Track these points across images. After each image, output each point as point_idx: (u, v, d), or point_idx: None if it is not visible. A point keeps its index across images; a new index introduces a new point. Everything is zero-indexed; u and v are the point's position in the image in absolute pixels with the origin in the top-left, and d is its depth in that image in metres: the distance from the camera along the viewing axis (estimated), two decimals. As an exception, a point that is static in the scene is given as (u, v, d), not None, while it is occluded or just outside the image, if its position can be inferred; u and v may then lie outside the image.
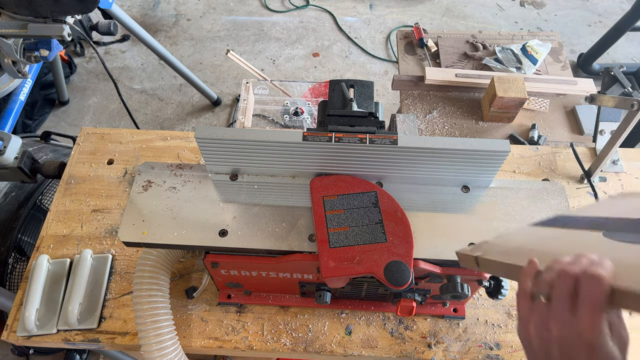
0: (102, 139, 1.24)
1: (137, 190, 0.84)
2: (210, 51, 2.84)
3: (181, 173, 0.87)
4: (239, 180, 0.86)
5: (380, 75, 2.76)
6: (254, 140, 0.79)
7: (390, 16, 3.07)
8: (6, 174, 1.18)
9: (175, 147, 1.23)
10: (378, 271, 0.71)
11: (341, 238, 0.74)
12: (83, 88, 2.67)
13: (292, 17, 3.04)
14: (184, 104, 2.61)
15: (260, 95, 1.81)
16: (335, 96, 0.95)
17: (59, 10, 1.21)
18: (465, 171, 0.83)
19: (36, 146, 1.59)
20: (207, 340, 0.94)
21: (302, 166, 0.84)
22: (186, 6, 3.09)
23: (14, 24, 1.22)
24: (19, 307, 0.97)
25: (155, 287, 0.88)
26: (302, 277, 0.87)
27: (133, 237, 0.78)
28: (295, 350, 0.94)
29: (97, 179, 1.16)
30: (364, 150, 0.79)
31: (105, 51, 2.83)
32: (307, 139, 0.79)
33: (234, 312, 0.98)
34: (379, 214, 0.77)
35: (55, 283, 1.00)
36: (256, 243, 0.77)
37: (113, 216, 1.11)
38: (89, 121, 2.54)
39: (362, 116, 0.86)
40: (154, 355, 0.84)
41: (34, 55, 1.30)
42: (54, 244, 1.06)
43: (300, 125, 1.76)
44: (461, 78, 1.52)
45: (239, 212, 0.81)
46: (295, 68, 2.77)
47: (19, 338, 0.94)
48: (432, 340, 0.95)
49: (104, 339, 0.94)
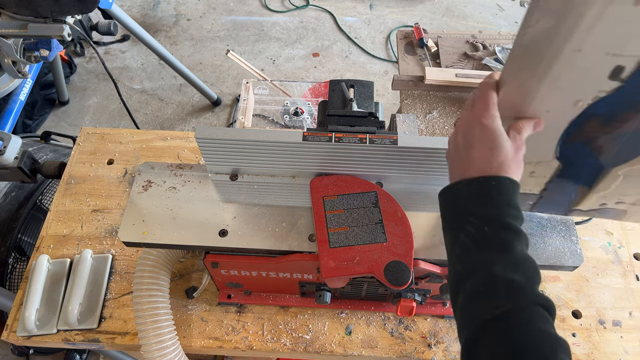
0: (102, 139, 1.24)
1: (137, 190, 0.84)
2: (210, 51, 2.84)
3: (181, 173, 0.87)
4: (239, 180, 0.86)
5: (380, 75, 2.76)
6: (254, 140, 0.79)
7: (390, 16, 3.07)
8: (6, 174, 1.19)
9: (175, 147, 1.23)
10: (378, 271, 0.71)
11: (341, 238, 0.74)
12: (83, 88, 2.67)
13: (292, 17, 3.04)
14: (184, 104, 2.61)
15: (260, 95, 1.81)
16: (335, 96, 0.95)
17: (59, 10, 1.21)
18: (465, 171, 0.83)
19: (36, 146, 1.59)
20: (207, 340, 0.94)
21: (302, 166, 0.84)
22: (186, 6, 3.09)
23: (14, 24, 1.22)
24: (19, 307, 0.97)
25: (155, 287, 0.88)
26: (302, 277, 0.87)
27: (133, 237, 0.78)
28: (295, 350, 0.94)
29: (97, 179, 1.16)
30: (364, 150, 0.79)
31: (105, 51, 2.83)
32: (307, 139, 0.79)
33: (234, 312, 0.98)
34: (379, 214, 0.77)
35: (55, 283, 1.00)
36: (256, 243, 0.77)
37: (113, 216, 1.11)
38: (89, 121, 2.54)
39: (362, 116, 0.86)
40: (154, 355, 0.84)
41: (34, 55, 1.31)
42: (54, 244, 1.06)
43: (300, 125, 1.76)
44: (461, 78, 1.52)
45: (239, 212, 0.81)
46: (295, 68, 2.77)
47: (19, 338, 0.94)
48: (432, 340, 0.95)
49: (104, 339, 0.94)
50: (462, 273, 0.55)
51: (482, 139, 0.58)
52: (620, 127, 0.59)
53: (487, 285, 0.52)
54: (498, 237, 0.54)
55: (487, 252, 0.54)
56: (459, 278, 0.56)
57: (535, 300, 0.50)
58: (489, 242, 0.54)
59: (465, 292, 0.54)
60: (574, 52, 0.50)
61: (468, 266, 0.55)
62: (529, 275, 0.52)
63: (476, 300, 0.52)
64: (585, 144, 0.63)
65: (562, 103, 0.57)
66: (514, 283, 0.51)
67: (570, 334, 0.96)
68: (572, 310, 0.99)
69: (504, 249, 0.53)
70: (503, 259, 0.52)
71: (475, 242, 0.55)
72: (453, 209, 0.60)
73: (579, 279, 1.03)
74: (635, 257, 1.06)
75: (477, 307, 0.52)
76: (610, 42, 0.49)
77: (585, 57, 0.50)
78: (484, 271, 0.53)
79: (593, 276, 1.03)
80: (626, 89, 0.53)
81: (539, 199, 0.78)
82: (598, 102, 0.56)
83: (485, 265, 0.53)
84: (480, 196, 0.56)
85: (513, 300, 0.50)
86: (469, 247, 0.55)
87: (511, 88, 0.58)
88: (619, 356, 0.94)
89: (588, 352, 0.94)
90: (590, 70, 0.52)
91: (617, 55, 0.50)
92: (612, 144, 0.63)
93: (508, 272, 0.51)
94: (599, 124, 0.59)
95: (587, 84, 0.54)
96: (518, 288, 0.51)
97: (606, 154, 0.64)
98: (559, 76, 0.53)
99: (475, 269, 0.54)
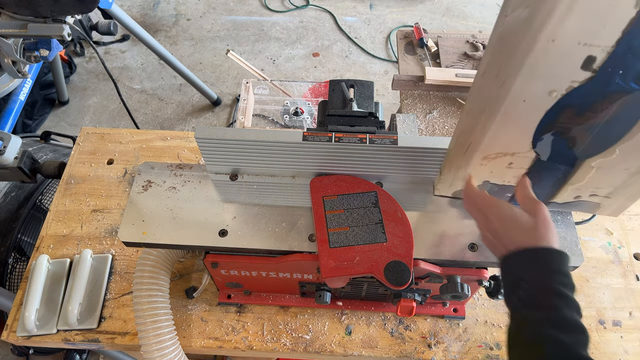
0: (102, 139, 1.24)
1: (137, 190, 0.84)
2: (210, 51, 2.84)
3: (181, 173, 0.86)
4: (239, 180, 0.86)
5: (380, 75, 2.76)
6: (254, 140, 0.79)
7: (390, 16, 3.07)
8: (6, 174, 1.18)
9: (175, 147, 1.23)
10: (378, 271, 0.71)
11: (341, 238, 0.74)
12: (83, 88, 2.66)
13: (292, 17, 3.04)
14: (184, 104, 2.61)
15: (260, 95, 1.81)
16: (335, 96, 0.95)
17: (59, 10, 1.21)
18: (465, 171, 0.83)
19: (36, 146, 1.59)
20: (207, 340, 0.94)
21: (302, 166, 0.84)
22: (186, 6, 3.09)
23: (14, 23, 1.22)
24: (18, 307, 0.97)
25: (155, 287, 0.88)
26: (302, 277, 0.87)
27: (133, 237, 0.78)
28: (295, 350, 0.93)
29: (97, 179, 1.16)
30: (364, 150, 0.79)
31: (105, 51, 2.83)
32: (307, 139, 0.79)
33: (234, 312, 0.98)
34: (379, 214, 0.77)
35: (55, 283, 1.00)
36: (256, 243, 0.77)
37: (113, 216, 1.11)
38: (88, 121, 2.54)
39: (362, 116, 0.86)
40: (154, 355, 0.84)
41: (33, 55, 1.31)
42: (53, 244, 1.06)
43: (300, 125, 1.76)
44: (461, 78, 1.52)
45: (239, 212, 0.81)
46: (295, 68, 2.77)
47: (18, 338, 0.94)
48: (432, 340, 0.95)
49: (103, 339, 0.94)
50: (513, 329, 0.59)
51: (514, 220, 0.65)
52: (593, 118, 0.61)
53: (533, 342, 0.55)
54: (548, 300, 0.57)
55: (535, 312, 0.57)
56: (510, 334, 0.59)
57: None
58: (538, 304, 0.58)
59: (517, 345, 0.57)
60: (548, 42, 0.52)
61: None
62: (576, 340, 0.54)
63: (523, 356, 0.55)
64: (560, 135, 0.66)
65: (537, 93, 0.59)
66: (559, 342, 0.53)
67: (570, 334, 0.96)
68: (572, 310, 0.99)
69: (552, 310, 0.57)
70: (550, 319, 0.56)
71: (525, 304, 0.59)
72: (506, 276, 0.64)
73: (579, 279, 1.03)
74: (635, 257, 1.06)
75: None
76: (583, 32, 0.50)
77: (559, 47, 0.52)
78: (532, 329, 0.56)
79: (593, 276, 1.03)
80: (598, 79, 0.55)
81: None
82: (572, 92, 0.58)
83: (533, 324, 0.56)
84: (530, 263, 0.61)
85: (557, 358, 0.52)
86: (517, 306, 0.60)
87: (489, 78, 0.60)
88: (619, 356, 0.94)
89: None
90: (563, 60, 0.54)
91: (588, 45, 0.52)
92: (585, 135, 0.64)
93: (553, 331, 0.54)
94: (573, 115, 0.61)
95: (561, 74, 0.56)
96: (562, 345, 0.53)
97: (580, 145, 0.66)
98: (534, 66, 0.55)
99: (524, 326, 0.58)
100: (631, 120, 0.61)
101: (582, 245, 0.81)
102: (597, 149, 0.67)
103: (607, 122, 0.61)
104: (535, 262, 0.60)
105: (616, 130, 0.63)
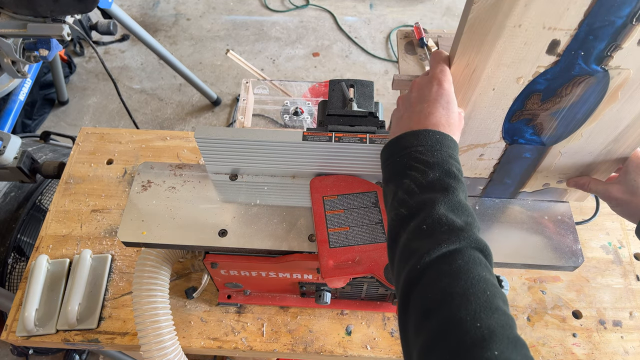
0: (102, 139, 1.24)
1: (136, 190, 0.83)
2: (210, 51, 2.84)
3: (181, 173, 0.86)
4: (238, 180, 0.86)
5: (380, 75, 2.76)
6: (254, 140, 0.79)
7: (391, 16, 3.06)
8: (6, 174, 1.18)
9: (175, 147, 1.23)
10: (378, 271, 0.71)
11: (341, 238, 0.74)
12: (83, 88, 2.66)
13: (292, 17, 3.03)
14: (183, 104, 2.61)
15: (260, 95, 1.80)
16: (335, 96, 0.95)
17: (59, 10, 1.21)
18: (466, 171, 0.83)
19: (35, 146, 1.59)
20: (206, 341, 0.94)
21: (302, 166, 0.84)
22: (186, 6, 3.09)
23: (13, 23, 1.22)
24: (18, 307, 0.97)
25: (154, 287, 0.88)
26: (302, 277, 0.87)
27: (132, 237, 0.78)
28: (295, 350, 0.93)
29: (97, 179, 1.16)
30: (364, 150, 0.79)
31: (105, 51, 2.82)
32: (307, 138, 0.79)
33: (234, 312, 0.98)
34: (379, 214, 0.77)
35: (54, 283, 1.00)
36: (256, 243, 0.77)
37: (112, 216, 1.10)
38: (88, 121, 2.54)
39: (362, 116, 0.86)
40: (153, 355, 0.84)
41: (33, 55, 1.30)
42: (53, 244, 1.06)
43: (300, 125, 1.76)
44: (461, 78, 1.52)
45: (239, 212, 0.81)
46: (295, 68, 2.77)
47: (18, 338, 0.94)
48: (432, 340, 0.95)
49: (103, 339, 0.94)
50: (406, 215, 0.56)
51: (438, 98, 0.61)
52: (558, 103, 0.63)
53: (430, 222, 0.53)
54: (442, 182, 0.56)
55: (432, 194, 0.55)
56: (402, 221, 0.56)
57: (475, 244, 0.51)
58: (433, 185, 0.56)
59: (409, 231, 0.54)
60: (515, 28, 0.54)
61: (412, 208, 0.55)
62: (469, 221, 0.53)
63: (419, 237, 0.53)
64: (527, 122, 0.67)
65: (505, 80, 0.61)
66: (455, 223, 0.52)
67: (570, 334, 0.96)
68: (572, 311, 0.99)
69: (447, 192, 0.55)
70: (446, 201, 0.54)
71: (420, 186, 0.56)
72: (399, 157, 0.61)
73: (579, 279, 1.02)
74: (635, 257, 1.06)
75: (420, 243, 0.52)
76: (547, 16, 0.52)
77: (525, 32, 0.54)
78: (429, 210, 0.54)
79: (593, 276, 1.03)
80: (562, 62, 0.58)
81: (488, 182, 0.81)
82: (538, 78, 0.60)
83: (430, 204, 0.54)
84: (427, 145, 0.59)
85: (453, 239, 0.50)
86: (413, 190, 0.56)
87: (459, 67, 0.61)
88: (619, 356, 0.93)
89: (588, 352, 0.94)
90: (530, 45, 0.56)
91: (552, 29, 0.53)
92: (551, 121, 0.66)
93: (450, 213, 0.53)
94: (539, 100, 0.63)
95: (528, 60, 0.58)
96: (459, 229, 0.51)
97: (547, 131, 0.68)
98: (502, 53, 0.57)
99: (420, 209, 0.55)
100: (594, 102, 0.63)
101: (582, 245, 0.81)
102: (563, 135, 0.68)
103: (571, 105, 0.63)
104: (436, 145, 0.59)
105: (581, 114, 0.65)
